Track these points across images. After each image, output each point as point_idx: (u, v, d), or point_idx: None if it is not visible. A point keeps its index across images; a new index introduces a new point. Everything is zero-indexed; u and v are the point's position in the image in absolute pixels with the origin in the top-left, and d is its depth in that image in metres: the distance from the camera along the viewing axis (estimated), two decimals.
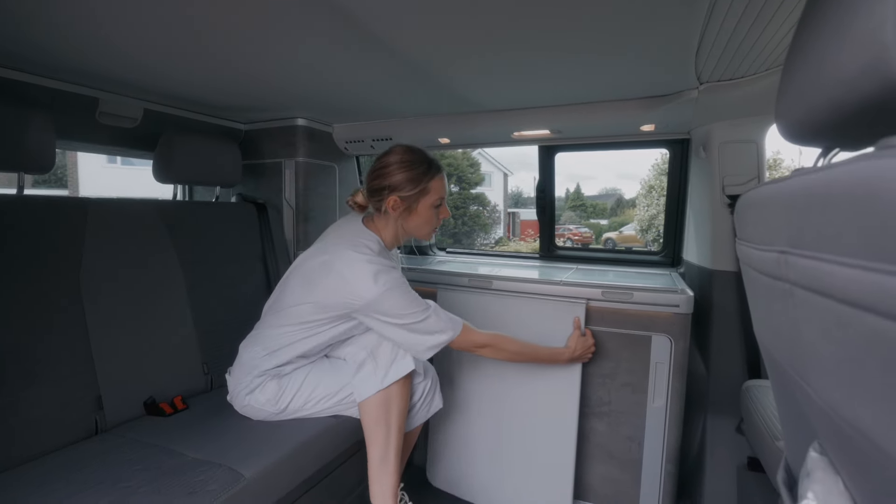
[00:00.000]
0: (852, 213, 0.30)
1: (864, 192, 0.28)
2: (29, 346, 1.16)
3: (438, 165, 1.34)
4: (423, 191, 1.30)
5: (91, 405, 1.26)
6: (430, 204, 1.32)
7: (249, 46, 1.13)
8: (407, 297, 1.25)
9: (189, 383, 1.50)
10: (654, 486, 1.50)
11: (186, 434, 1.23)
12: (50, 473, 1.04)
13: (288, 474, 1.16)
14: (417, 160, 1.31)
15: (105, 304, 1.33)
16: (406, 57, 1.18)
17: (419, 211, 1.32)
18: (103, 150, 1.81)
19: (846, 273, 0.31)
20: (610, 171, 41.15)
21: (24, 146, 1.23)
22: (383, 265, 1.24)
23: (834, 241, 0.33)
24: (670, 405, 1.46)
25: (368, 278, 1.20)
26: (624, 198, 23.92)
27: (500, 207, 19.07)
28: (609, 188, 26.20)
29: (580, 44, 1.07)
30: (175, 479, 1.01)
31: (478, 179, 17.69)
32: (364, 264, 1.22)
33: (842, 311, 0.33)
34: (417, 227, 1.35)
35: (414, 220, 1.33)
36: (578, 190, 23.96)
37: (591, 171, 29.76)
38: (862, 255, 0.29)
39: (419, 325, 1.25)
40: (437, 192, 1.32)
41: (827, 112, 0.40)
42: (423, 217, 1.34)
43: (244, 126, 2.11)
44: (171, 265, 1.53)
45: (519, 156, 23.04)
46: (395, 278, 1.24)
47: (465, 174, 16.76)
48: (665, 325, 1.45)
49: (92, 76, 1.40)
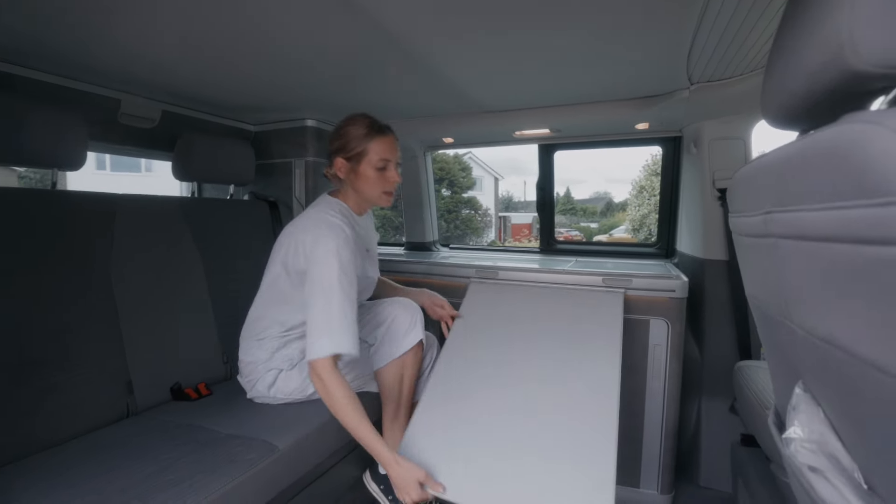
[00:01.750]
0: (823, 170, 0.40)
1: (831, 152, 0.38)
2: (65, 334, 1.22)
3: (381, 128, 1.38)
4: (363, 152, 1.36)
5: (122, 389, 1.32)
6: (373, 165, 1.36)
7: (261, 48, 1.22)
8: (326, 269, 1.22)
9: (210, 371, 1.57)
10: (653, 461, 1.60)
11: (216, 414, 1.30)
12: (91, 449, 1.11)
13: (317, 446, 1.24)
14: (361, 124, 1.37)
15: (133, 295, 1.39)
16: (413, 58, 1.27)
17: (362, 172, 1.37)
18: (123, 151, 1.87)
19: (819, 216, 0.40)
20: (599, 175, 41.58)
21: (59, 144, 1.29)
22: (333, 225, 1.28)
23: (809, 194, 0.42)
24: (668, 385, 1.56)
25: (316, 232, 1.27)
26: (613, 201, 24.22)
27: (492, 211, 19.24)
28: (599, 192, 26.47)
29: (578, 45, 1.17)
30: (214, 450, 1.08)
31: (469, 184, 17.84)
32: (321, 224, 1.29)
33: (816, 248, 0.42)
34: (365, 189, 1.39)
35: (361, 182, 1.38)
36: (568, 193, 24.22)
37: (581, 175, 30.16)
38: (829, 200, 0.38)
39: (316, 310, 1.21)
40: (377, 154, 1.35)
41: (801, 99, 0.50)
42: (368, 179, 1.37)
43: (254, 127, 2.18)
44: (192, 259, 1.60)
45: (510, 161, 23.24)
46: (334, 252, 1.23)
47: (457, 178, 16.90)
48: (662, 310, 1.55)
49: (115, 77, 1.47)
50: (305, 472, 1.21)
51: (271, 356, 1.39)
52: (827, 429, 0.59)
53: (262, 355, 1.39)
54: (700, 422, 1.74)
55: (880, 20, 0.39)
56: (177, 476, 0.98)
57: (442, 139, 2.16)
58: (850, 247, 0.37)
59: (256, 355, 1.40)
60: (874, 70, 0.40)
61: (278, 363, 1.39)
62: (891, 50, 0.39)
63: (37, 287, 1.19)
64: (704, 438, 1.73)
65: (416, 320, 1.45)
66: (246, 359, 1.42)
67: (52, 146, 1.27)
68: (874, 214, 0.33)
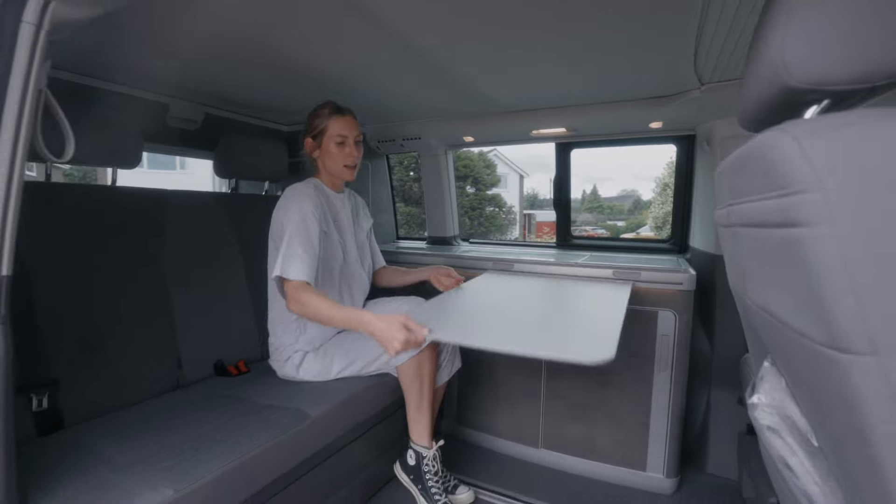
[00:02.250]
0: (752, 169, 0.48)
1: (758, 153, 0.47)
2: (124, 314, 1.39)
3: (340, 109, 1.55)
4: (324, 129, 1.54)
5: (172, 365, 1.48)
6: (333, 141, 1.53)
7: (296, 59, 1.35)
8: (288, 221, 1.42)
9: (248, 351, 1.72)
10: (660, 447, 1.66)
11: (253, 388, 1.45)
12: (147, 414, 1.27)
13: (345, 417, 1.37)
14: (324, 107, 1.56)
15: (181, 281, 1.56)
16: (434, 64, 1.38)
17: (324, 147, 1.55)
18: (170, 151, 2.05)
19: (753, 206, 0.49)
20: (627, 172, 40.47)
21: (118, 145, 1.46)
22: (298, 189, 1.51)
23: (747, 189, 0.51)
24: (675, 374, 1.62)
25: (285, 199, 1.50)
26: (641, 199, 23.68)
27: (516, 209, 19.18)
28: (627, 190, 25.89)
29: (589, 50, 1.25)
30: (252, 418, 1.22)
31: (494, 181, 17.82)
32: (290, 192, 1.51)
33: (755, 233, 0.51)
34: (328, 163, 1.57)
35: (325, 157, 1.56)
36: (595, 191, 23.85)
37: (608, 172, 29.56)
38: (757, 193, 0.47)
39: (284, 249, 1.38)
40: (335, 130, 1.53)
41: (758, 105, 0.58)
42: (330, 153, 1.55)
43: (287, 127, 2.33)
44: (232, 249, 1.76)
45: (535, 158, 23.01)
46: (296, 204, 1.45)
47: (482, 176, 16.93)
48: (670, 301, 1.61)
49: (165, 84, 1.64)
50: (334, 438, 1.34)
51: (296, 339, 1.53)
52: (786, 396, 0.67)
53: (287, 339, 1.54)
54: (709, 412, 1.79)
55: (806, 46, 0.47)
56: (221, 436, 1.12)
57: (463, 138, 2.26)
58: (770, 230, 0.45)
59: (282, 339, 1.54)
60: (802, 86, 0.48)
61: (303, 345, 1.53)
62: (814, 70, 0.47)
63: (99, 272, 1.36)
64: (713, 428, 1.78)
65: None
66: (275, 342, 1.56)
67: (112, 147, 1.43)
68: (778, 204, 0.42)
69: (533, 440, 1.88)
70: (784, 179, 0.41)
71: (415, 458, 1.51)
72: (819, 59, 0.46)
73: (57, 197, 1.33)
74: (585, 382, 1.77)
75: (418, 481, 1.51)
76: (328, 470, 1.37)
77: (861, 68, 0.45)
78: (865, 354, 0.36)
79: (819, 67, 0.46)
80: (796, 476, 0.58)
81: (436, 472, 1.51)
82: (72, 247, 1.30)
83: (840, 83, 0.46)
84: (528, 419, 1.88)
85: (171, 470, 0.97)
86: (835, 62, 0.46)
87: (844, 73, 0.45)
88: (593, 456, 1.77)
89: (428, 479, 1.49)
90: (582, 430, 1.78)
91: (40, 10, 0.80)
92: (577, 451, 1.79)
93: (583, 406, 1.78)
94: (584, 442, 1.78)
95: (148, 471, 0.96)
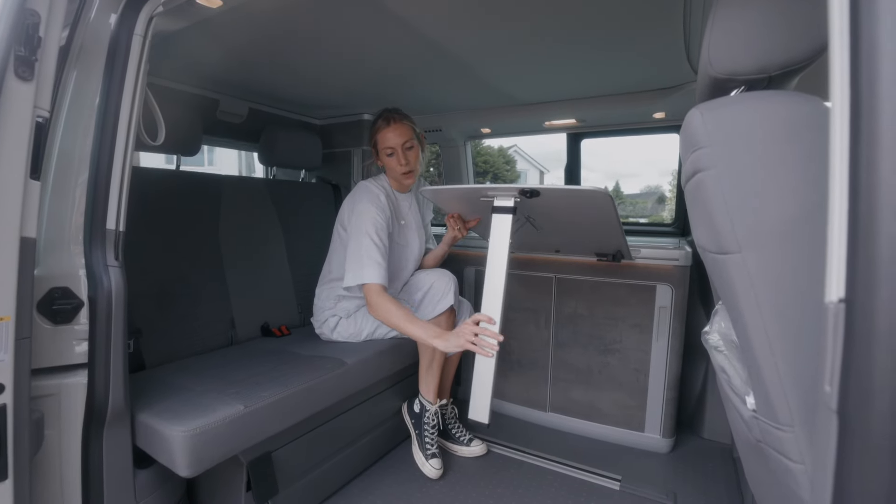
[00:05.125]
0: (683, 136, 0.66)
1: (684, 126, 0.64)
2: (188, 277, 1.63)
3: (390, 118, 1.65)
4: (376, 142, 1.69)
5: (227, 324, 1.72)
6: (385, 153, 1.67)
7: (328, 57, 1.54)
8: (357, 220, 1.58)
9: (288, 317, 1.96)
10: (657, 410, 1.82)
11: (296, 344, 1.68)
12: (210, 361, 1.50)
13: (375, 368, 1.60)
14: (377, 118, 1.69)
15: (233, 253, 1.80)
16: (453, 61, 1.56)
17: (381, 158, 1.70)
18: (219, 143, 2.30)
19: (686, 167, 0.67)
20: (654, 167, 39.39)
21: (182, 135, 1.70)
22: (372, 191, 1.66)
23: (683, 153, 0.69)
24: (671, 342, 1.78)
25: (355, 196, 1.67)
26: (665, 195, 23.26)
27: None
28: (651, 186, 25.39)
29: (592, 47, 1.42)
30: (295, 366, 1.45)
31: (513, 177, 17.89)
32: (360, 188, 1.68)
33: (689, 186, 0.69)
34: (389, 172, 1.72)
35: (385, 165, 1.71)
36: (618, 187, 23.57)
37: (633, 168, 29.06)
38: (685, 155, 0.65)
39: (348, 253, 1.57)
40: (384, 143, 1.66)
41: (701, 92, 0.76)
42: (386, 164, 1.70)
43: (319, 121, 2.56)
44: (274, 229, 2.00)
45: (556, 153, 22.84)
46: (366, 205, 1.60)
47: (501, 171, 17.02)
48: (667, 276, 1.76)
49: (217, 82, 1.87)
50: (368, 384, 1.57)
51: (335, 305, 1.75)
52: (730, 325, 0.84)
53: (327, 304, 1.76)
54: (707, 381, 1.94)
55: (724, 46, 0.65)
56: (276, 375, 1.35)
57: (480, 129, 2.44)
58: (691, 182, 0.63)
59: (324, 303, 1.77)
60: (721, 76, 0.66)
61: (339, 311, 1.75)
62: (728, 64, 0.64)
63: (171, 241, 1.60)
64: (710, 396, 1.93)
65: (451, 288, 1.68)
66: (318, 304, 1.80)
67: (177, 137, 1.67)
68: (691, 159, 0.60)
69: (541, 404, 2.06)
70: (692, 140, 0.59)
71: (419, 407, 1.73)
72: (731, 56, 0.64)
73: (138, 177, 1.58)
74: (589, 351, 1.94)
75: (418, 427, 1.73)
76: (361, 413, 1.60)
77: (759, 62, 0.62)
78: (735, 252, 0.54)
79: (731, 62, 0.64)
80: (728, 375, 0.75)
81: (434, 426, 1.72)
82: (150, 218, 1.54)
83: (746, 73, 0.63)
84: (536, 385, 2.07)
85: (239, 394, 1.20)
86: (742, 58, 0.63)
87: (748, 66, 0.63)
88: (596, 418, 1.94)
89: (426, 430, 1.70)
90: (585, 395, 1.96)
91: (146, 24, 1.03)
92: (581, 413, 1.97)
93: (586, 373, 1.95)
94: (587, 405, 1.96)
95: (221, 395, 1.20)
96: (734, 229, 0.53)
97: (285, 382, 1.29)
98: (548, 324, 2.02)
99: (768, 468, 0.60)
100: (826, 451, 0.34)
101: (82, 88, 1.00)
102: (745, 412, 0.64)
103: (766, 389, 0.53)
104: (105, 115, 1.01)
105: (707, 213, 0.58)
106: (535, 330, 2.05)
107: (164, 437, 1.05)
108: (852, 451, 0.31)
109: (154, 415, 1.10)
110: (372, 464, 1.72)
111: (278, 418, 1.23)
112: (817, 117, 0.53)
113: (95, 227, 1.02)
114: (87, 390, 1.02)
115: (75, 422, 1.01)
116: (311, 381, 1.34)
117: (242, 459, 1.20)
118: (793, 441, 0.51)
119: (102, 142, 1.01)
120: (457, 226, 1.69)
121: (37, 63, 0.80)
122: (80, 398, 1.01)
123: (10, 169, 0.79)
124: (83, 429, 1.02)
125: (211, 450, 1.07)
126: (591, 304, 1.92)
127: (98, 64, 1.01)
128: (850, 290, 0.33)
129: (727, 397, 0.81)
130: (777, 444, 0.53)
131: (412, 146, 1.68)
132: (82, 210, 1.01)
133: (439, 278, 1.70)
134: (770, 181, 0.53)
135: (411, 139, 1.67)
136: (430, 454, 1.67)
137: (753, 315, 0.53)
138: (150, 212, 1.54)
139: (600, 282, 1.90)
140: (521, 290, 2.06)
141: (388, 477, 1.65)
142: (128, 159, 1.04)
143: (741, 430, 0.70)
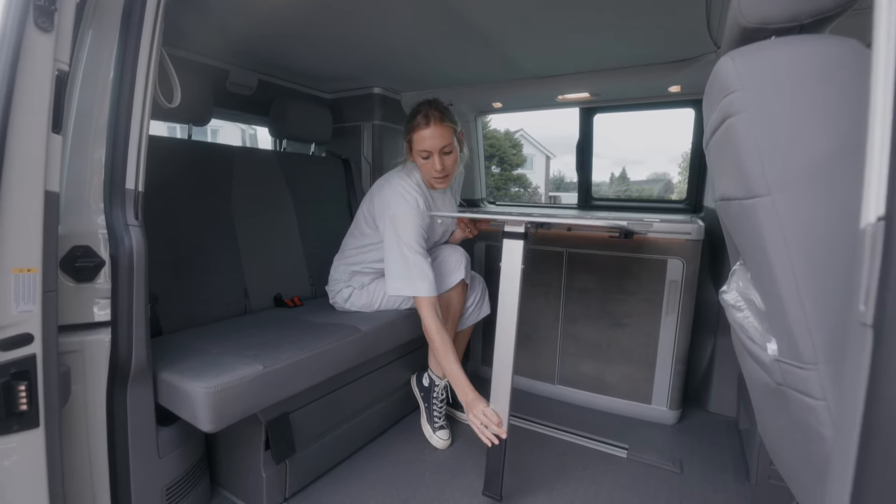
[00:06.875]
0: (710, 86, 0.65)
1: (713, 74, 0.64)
2: (203, 247, 1.64)
3: (429, 117, 1.46)
4: (411, 140, 1.52)
5: (241, 294, 1.74)
6: (419, 155, 1.51)
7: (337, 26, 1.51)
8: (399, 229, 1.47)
9: (300, 289, 1.98)
10: (664, 383, 1.84)
11: (310, 313, 1.70)
12: (226, 328, 1.52)
13: (387, 336, 1.62)
14: (411, 113, 1.52)
15: (246, 224, 1.81)
16: (466, 29, 1.52)
17: (415, 157, 1.54)
18: (229, 116, 2.30)
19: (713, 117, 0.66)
20: (662, 154, 38.94)
21: (193, 105, 1.69)
22: (409, 193, 1.51)
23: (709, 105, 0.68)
24: (681, 317, 1.78)
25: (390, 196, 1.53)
26: (672, 182, 23.11)
27: (542, 190, 19.09)
28: (658, 173, 25.18)
29: (610, 15, 1.39)
30: (310, 332, 1.47)
31: (519, 161, 17.76)
32: (395, 186, 1.53)
33: (715, 138, 0.68)
34: (421, 171, 1.57)
35: (417, 164, 1.56)
36: (624, 174, 23.41)
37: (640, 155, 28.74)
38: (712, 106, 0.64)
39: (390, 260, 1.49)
40: (419, 145, 1.49)
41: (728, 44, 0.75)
42: (419, 164, 1.54)
43: (330, 95, 2.54)
44: (285, 201, 2.00)
45: (562, 139, 22.60)
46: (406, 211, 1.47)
47: (507, 155, 16.89)
48: (679, 250, 1.76)
49: (227, 51, 1.85)
50: (382, 352, 1.60)
51: (350, 277, 1.76)
52: (749, 284, 0.84)
53: (342, 276, 1.77)
54: (714, 357, 1.95)
55: None
56: (292, 340, 1.37)
57: (491, 104, 2.42)
58: (719, 131, 0.63)
59: (340, 275, 1.78)
60: (752, 25, 0.64)
61: (353, 283, 1.76)
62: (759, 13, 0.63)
63: (185, 209, 1.61)
64: (717, 371, 1.94)
65: (462, 263, 1.69)
66: (333, 276, 1.81)
67: (189, 106, 1.66)
68: (721, 105, 0.59)
69: (549, 377, 2.08)
70: (723, 85, 0.58)
71: (428, 381, 1.76)
72: (761, 5, 0.63)
73: (153, 145, 1.58)
74: (599, 325, 1.95)
75: (427, 400, 1.76)
76: (372, 382, 1.63)
77: (791, 9, 0.61)
78: (764, 195, 0.54)
79: (762, 10, 0.63)
80: (746, 330, 0.76)
81: (443, 400, 1.74)
82: (164, 187, 1.55)
83: (777, 21, 0.62)
84: (545, 359, 2.09)
85: (258, 356, 1.22)
86: (773, 5, 0.62)
87: (780, 13, 0.62)
88: (603, 390, 1.97)
89: (434, 404, 1.73)
90: (594, 368, 1.98)
91: None
92: (590, 386, 1.99)
93: (595, 346, 1.97)
94: (595, 378, 1.98)
95: (240, 356, 1.22)
96: (764, 172, 0.53)
97: (302, 346, 1.31)
98: (558, 298, 2.03)
99: (788, 412, 0.61)
100: (858, 367, 0.34)
101: (99, 44, 1.00)
102: (765, 358, 0.64)
103: (790, 331, 0.54)
104: (122, 73, 1.00)
105: (736, 158, 0.57)
106: (546, 304, 2.07)
107: (186, 393, 1.07)
108: (887, 362, 0.32)
109: (176, 373, 1.12)
110: (383, 431, 1.76)
111: (296, 379, 1.25)
112: (851, 58, 0.52)
113: (115, 187, 1.02)
114: (110, 348, 1.04)
115: (100, 378, 1.04)
116: (327, 345, 1.36)
117: (261, 418, 1.23)
118: (816, 379, 0.52)
119: (120, 100, 1.01)
120: (467, 228, 1.76)
121: (56, 13, 0.80)
122: (104, 356, 1.04)
123: (33, 120, 0.79)
124: (107, 385, 1.05)
125: (232, 406, 1.10)
126: (602, 279, 1.93)
127: (114, 21, 1.00)
128: (891, 206, 0.33)
129: (742, 352, 0.82)
130: (801, 383, 0.54)
131: (451, 150, 1.51)
132: (101, 169, 1.02)
133: (451, 253, 1.72)
134: (802, 123, 0.52)
135: (451, 143, 1.50)
136: (437, 426, 1.71)
137: (781, 257, 0.53)
138: (164, 180, 1.54)
139: (611, 256, 1.90)
140: (532, 264, 2.07)
141: (399, 443, 1.69)
142: (146, 118, 1.04)
143: (759, 378, 0.71)
